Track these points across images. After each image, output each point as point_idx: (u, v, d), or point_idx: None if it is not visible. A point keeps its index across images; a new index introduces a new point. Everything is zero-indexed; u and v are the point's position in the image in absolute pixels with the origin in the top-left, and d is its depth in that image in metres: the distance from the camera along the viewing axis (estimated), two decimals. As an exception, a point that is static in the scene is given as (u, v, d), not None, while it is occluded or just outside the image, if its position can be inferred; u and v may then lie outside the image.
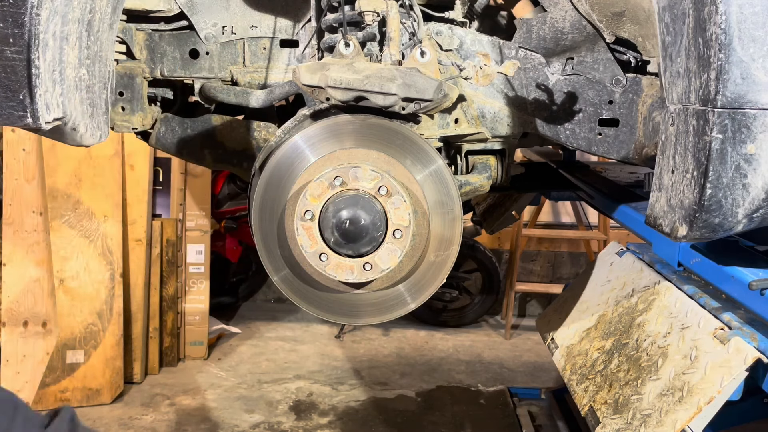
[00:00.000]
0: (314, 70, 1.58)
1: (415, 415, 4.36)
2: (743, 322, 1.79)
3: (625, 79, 1.95)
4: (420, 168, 1.60)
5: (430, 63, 1.67)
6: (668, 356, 1.92)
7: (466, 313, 5.88)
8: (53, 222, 4.30)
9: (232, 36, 2.12)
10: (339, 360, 5.14)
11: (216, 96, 2.11)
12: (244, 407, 4.36)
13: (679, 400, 1.77)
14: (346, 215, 1.50)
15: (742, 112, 1.30)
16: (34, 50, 1.33)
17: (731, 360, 1.68)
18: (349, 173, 1.51)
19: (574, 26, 1.91)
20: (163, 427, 4.11)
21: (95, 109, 1.61)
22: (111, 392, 4.37)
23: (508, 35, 2.00)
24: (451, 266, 1.65)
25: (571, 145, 2.02)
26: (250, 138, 2.18)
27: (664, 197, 1.49)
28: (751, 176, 1.33)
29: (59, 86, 1.42)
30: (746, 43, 1.28)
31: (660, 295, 2.18)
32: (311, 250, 1.52)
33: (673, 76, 1.44)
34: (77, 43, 1.47)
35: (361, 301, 1.67)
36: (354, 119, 1.60)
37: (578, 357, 2.41)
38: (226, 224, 5.64)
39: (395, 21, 1.69)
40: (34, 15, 1.31)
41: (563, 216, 6.15)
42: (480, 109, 2.01)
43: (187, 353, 5.06)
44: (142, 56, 2.12)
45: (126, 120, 2.12)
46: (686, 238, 1.43)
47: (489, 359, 5.26)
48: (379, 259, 1.53)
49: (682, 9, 1.37)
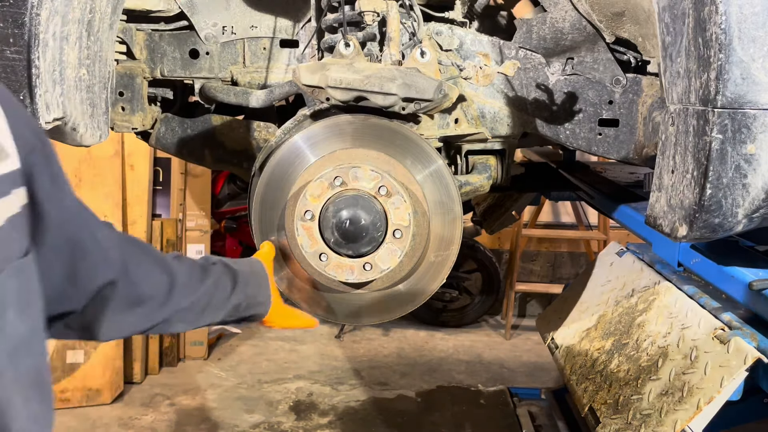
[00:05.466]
0: (314, 70, 1.58)
1: (415, 415, 4.36)
2: (743, 322, 1.79)
3: (625, 79, 1.95)
4: (420, 168, 1.60)
5: (430, 63, 1.67)
6: (668, 356, 1.92)
7: (466, 313, 5.87)
8: (53, 222, 4.29)
9: (232, 36, 2.12)
10: (339, 360, 5.14)
11: (216, 96, 2.11)
12: (244, 407, 4.35)
13: (679, 400, 1.77)
14: (346, 215, 1.50)
15: (742, 112, 1.30)
16: (34, 50, 1.33)
17: (731, 360, 1.67)
18: (349, 173, 1.51)
19: (574, 26, 1.91)
20: (163, 427, 4.11)
21: (95, 109, 1.61)
22: (111, 392, 4.36)
23: (508, 35, 2.00)
24: (451, 266, 1.65)
25: (571, 145, 2.02)
26: (250, 138, 2.18)
27: (664, 197, 1.49)
28: (751, 176, 1.33)
29: (59, 86, 1.42)
30: (746, 43, 1.28)
31: (660, 295, 2.17)
32: (311, 250, 1.52)
33: (673, 76, 1.44)
34: (77, 43, 1.47)
35: (361, 301, 1.67)
36: (354, 119, 1.60)
37: (578, 357, 2.41)
38: (226, 224, 5.63)
39: (395, 21, 1.69)
40: (34, 15, 1.31)
41: (563, 216, 6.14)
42: (480, 109, 2.01)
43: (187, 353, 5.06)
44: (142, 56, 2.12)
45: (126, 120, 2.12)
46: (686, 238, 1.43)
47: (489, 359, 5.26)
48: (379, 259, 1.53)
49: (682, 9, 1.37)
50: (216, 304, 1.30)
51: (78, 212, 0.99)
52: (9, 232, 0.77)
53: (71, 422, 4.06)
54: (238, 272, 1.36)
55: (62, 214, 0.93)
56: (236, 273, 1.35)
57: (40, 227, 0.89)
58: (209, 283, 1.28)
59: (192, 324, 1.28)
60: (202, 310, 1.27)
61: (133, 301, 1.14)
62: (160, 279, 1.19)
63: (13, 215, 0.79)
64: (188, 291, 1.24)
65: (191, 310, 1.25)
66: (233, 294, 1.33)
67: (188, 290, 1.24)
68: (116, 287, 1.09)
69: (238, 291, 1.33)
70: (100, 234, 1.06)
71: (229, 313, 1.34)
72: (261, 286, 1.42)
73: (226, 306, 1.32)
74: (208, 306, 1.28)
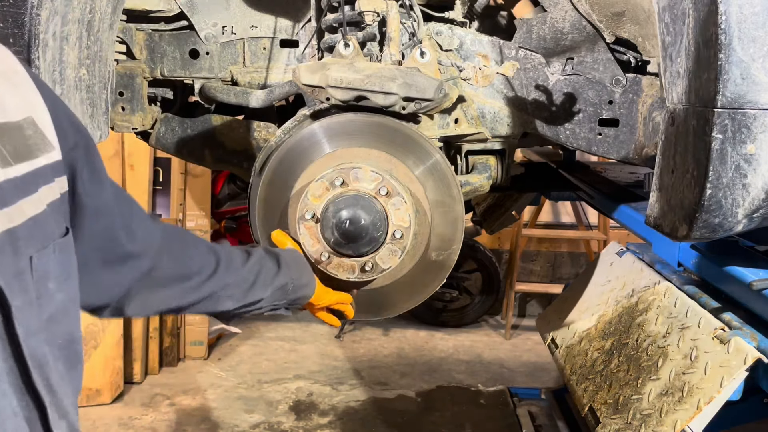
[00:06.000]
0: (314, 69, 1.58)
1: (415, 415, 4.36)
2: (743, 322, 1.79)
3: (625, 79, 1.95)
4: (421, 168, 1.60)
5: (430, 63, 1.67)
6: (668, 356, 1.92)
7: (466, 313, 5.87)
8: (53, 222, 4.29)
9: (232, 36, 2.12)
10: (339, 360, 5.14)
11: (216, 96, 2.11)
12: (244, 407, 4.35)
13: (679, 400, 1.77)
14: (346, 215, 1.50)
15: (742, 112, 1.30)
16: (34, 50, 1.33)
17: (731, 360, 1.67)
18: (350, 174, 1.51)
19: (574, 26, 1.91)
20: (163, 427, 4.11)
21: (95, 109, 1.61)
22: (111, 392, 4.36)
23: (508, 35, 2.00)
24: (451, 266, 1.65)
25: (571, 145, 2.02)
26: (250, 138, 2.18)
27: (664, 197, 1.49)
28: (751, 176, 1.33)
29: (59, 86, 1.42)
30: (746, 43, 1.28)
31: (660, 295, 2.17)
32: (312, 249, 1.52)
33: (673, 76, 1.44)
34: (77, 43, 1.48)
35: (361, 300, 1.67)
36: (355, 118, 1.60)
37: (578, 357, 2.41)
38: (226, 224, 5.63)
39: (395, 21, 1.69)
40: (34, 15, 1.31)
41: (563, 216, 6.14)
42: (480, 109, 2.01)
43: (187, 353, 5.06)
44: (142, 56, 2.12)
45: (126, 120, 2.12)
46: (686, 238, 1.43)
47: (489, 359, 5.26)
48: (379, 259, 1.53)
49: (682, 9, 1.37)
50: (263, 281, 1.34)
51: (115, 205, 1.06)
52: (50, 215, 0.87)
53: (71, 422, 4.06)
54: (279, 255, 1.42)
55: (98, 205, 1.02)
56: (278, 255, 1.41)
57: (77, 215, 0.98)
58: (253, 261, 1.34)
59: (240, 300, 1.32)
60: (250, 287, 1.32)
61: (177, 277, 1.20)
62: (206, 257, 1.26)
63: (54, 200, 0.88)
64: (234, 268, 1.29)
65: (239, 286, 1.30)
66: (279, 274, 1.38)
67: (234, 267, 1.29)
68: (154, 273, 1.15)
69: (282, 272, 1.38)
70: (138, 225, 1.12)
71: (277, 295, 1.39)
72: (303, 268, 1.47)
73: (273, 284, 1.36)
74: (255, 283, 1.33)
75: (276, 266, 1.38)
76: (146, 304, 1.19)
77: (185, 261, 1.22)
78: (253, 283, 1.33)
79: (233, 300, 1.32)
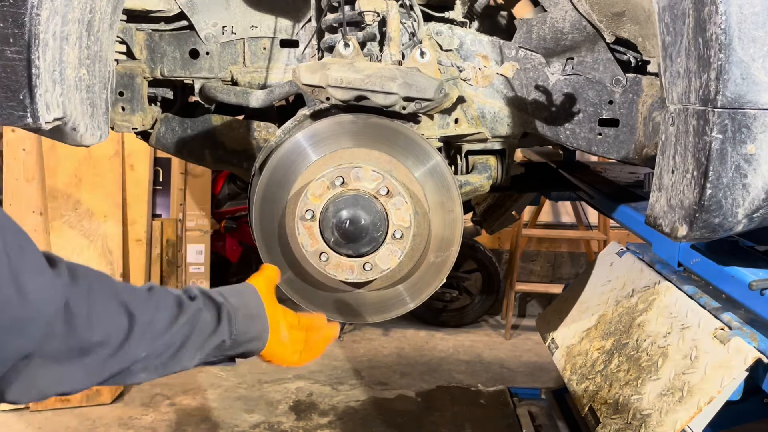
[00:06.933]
0: (314, 69, 1.58)
1: (415, 415, 4.36)
2: (743, 322, 1.79)
3: (625, 79, 1.95)
4: (421, 168, 1.60)
5: (430, 63, 1.67)
6: (668, 356, 1.92)
7: (466, 313, 5.87)
8: (53, 222, 4.29)
9: (232, 36, 2.12)
10: (339, 360, 5.14)
11: (216, 96, 2.11)
12: (244, 407, 4.35)
13: (679, 400, 1.77)
14: (346, 215, 1.50)
15: (742, 112, 1.30)
16: (34, 50, 1.33)
17: (731, 360, 1.67)
18: (350, 173, 1.51)
19: (574, 26, 1.91)
20: (163, 427, 4.11)
21: (95, 109, 1.61)
22: (111, 392, 4.36)
23: (508, 35, 2.00)
24: (450, 266, 1.65)
25: (571, 145, 2.02)
26: (250, 138, 2.18)
27: (664, 197, 1.49)
28: (751, 176, 1.33)
29: (59, 86, 1.42)
30: (746, 43, 1.28)
31: (660, 295, 2.17)
32: (311, 249, 1.52)
33: (673, 76, 1.44)
34: (77, 43, 1.47)
35: (360, 301, 1.67)
36: (355, 118, 1.60)
37: (578, 357, 2.41)
38: (226, 224, 5.63)
39: (395, 21, 1.69)
40: (34, 15, 1.31)
41: (563, 216, 6.14)
42: (480, 109, 2.01)
43: (187, 353, 5.06)
44: (142, 56, 2.12)
45: (126, 120, 2.12)
46: (686, 238, 1.43)
47: (489, 359, 5.26)
48: (379, 260, 1.53)
49: (682, 9, 1.37)
50: (192, 345, 1.12)
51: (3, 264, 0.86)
52: None
53: (71, 422, 4.06)
54: (222, 306, 1.17)
55: None
56: (220, 307, 1.16)
57: None
58: (184, 320, 1.10)
59: (160, 372, 1.11)
60: (173, 354, 1.10)
61: (76, 351, 0.95)
62: (116, 322, 1.00)
63: None
64: (154, 333, 1.05)
65: (158, 356, 1.07)
66: (215, 333, 1.14)
67: (154, 332, 1.05)
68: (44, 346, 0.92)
69: (221, 328, 1.15)
70: (28, 281, 0.89)
71: (211, 354, 1.17)
72: (253, 318, 1.21)
73: (205, 347, 1.14)
74: (182, 348, 1.10)
75: (215, 321, 1.14)
76: (32, 385, 0.94)
77: (86, 330, 0.96)
78: (179, 349, 1.10)
79: (148, 372, 1.08)
